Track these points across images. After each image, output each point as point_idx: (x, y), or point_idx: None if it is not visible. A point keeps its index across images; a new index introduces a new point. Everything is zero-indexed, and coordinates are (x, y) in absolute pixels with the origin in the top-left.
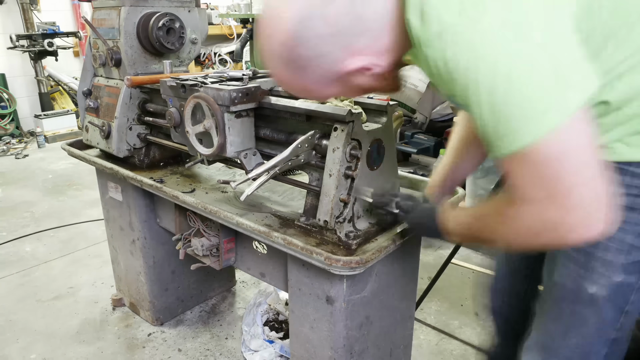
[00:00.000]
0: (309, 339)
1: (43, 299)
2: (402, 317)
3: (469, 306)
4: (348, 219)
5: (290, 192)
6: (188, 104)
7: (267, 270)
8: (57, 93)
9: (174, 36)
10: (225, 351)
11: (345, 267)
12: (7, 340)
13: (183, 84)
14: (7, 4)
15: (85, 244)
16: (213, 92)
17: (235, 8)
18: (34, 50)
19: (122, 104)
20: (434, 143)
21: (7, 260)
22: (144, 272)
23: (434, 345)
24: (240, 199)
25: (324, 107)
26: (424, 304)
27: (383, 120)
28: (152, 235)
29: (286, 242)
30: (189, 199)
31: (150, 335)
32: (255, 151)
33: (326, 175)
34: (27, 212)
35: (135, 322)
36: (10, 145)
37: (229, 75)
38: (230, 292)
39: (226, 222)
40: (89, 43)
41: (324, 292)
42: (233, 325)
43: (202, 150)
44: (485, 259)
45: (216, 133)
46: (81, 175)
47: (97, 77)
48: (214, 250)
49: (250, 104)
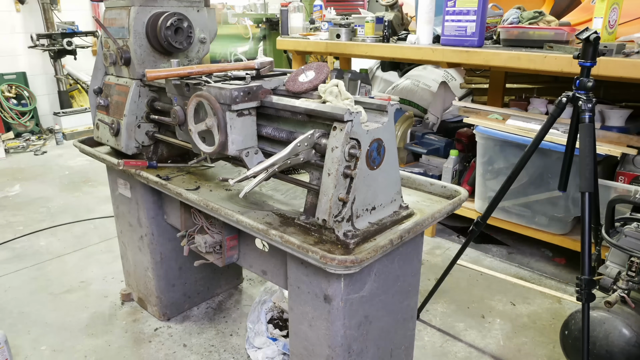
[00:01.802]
0: (307, 337)
1: (55, 292)
2: (403, 317)
3: (476, 308)
4: (347, 218)
5: (294, 191)
6: (191, 103)
7: (268, 268)
8: (76, 91)
9: (182, 35)
10: (230, 347)
11: (341, 266)
12: (19, 332)
13: (187, 83)
14: (29, 3)
15: (98, 239)
16: (215, 90)
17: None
18: (53, 49)
19: (131, 102)
20: (444, 144)
21: (22, 254)
22: (152, 267)
23: (438, 347)
24: (239, 196)
25: (323, 107)
26: (430, 306)
27: (384, 119)
28: (159, 232)
29: (283, 240)
30: (192, 196)
31: (156, 330)
32: (257, 150)
33: (325, 174)
34: (43, 207)
35: (142, 316)
36: (30, 141)
37: (232, 74)
38: (236, 290)
39: (227, 219)
40: (100, 42)
41: (322, 291)
42: (238, 322)
43: (204, 148)
44: (495, 261)
45: (218, 131)
46: (97, 172)
47: (107, 76)
48: (217, 247)
49: (252, 103)
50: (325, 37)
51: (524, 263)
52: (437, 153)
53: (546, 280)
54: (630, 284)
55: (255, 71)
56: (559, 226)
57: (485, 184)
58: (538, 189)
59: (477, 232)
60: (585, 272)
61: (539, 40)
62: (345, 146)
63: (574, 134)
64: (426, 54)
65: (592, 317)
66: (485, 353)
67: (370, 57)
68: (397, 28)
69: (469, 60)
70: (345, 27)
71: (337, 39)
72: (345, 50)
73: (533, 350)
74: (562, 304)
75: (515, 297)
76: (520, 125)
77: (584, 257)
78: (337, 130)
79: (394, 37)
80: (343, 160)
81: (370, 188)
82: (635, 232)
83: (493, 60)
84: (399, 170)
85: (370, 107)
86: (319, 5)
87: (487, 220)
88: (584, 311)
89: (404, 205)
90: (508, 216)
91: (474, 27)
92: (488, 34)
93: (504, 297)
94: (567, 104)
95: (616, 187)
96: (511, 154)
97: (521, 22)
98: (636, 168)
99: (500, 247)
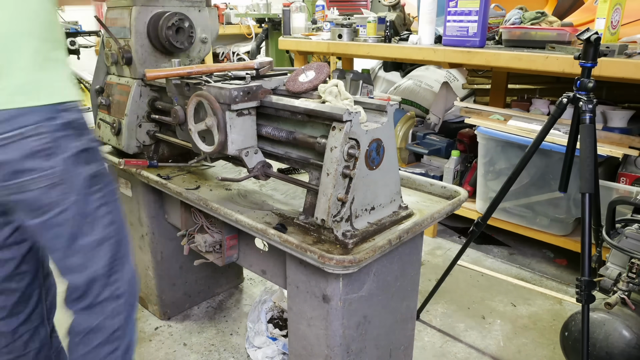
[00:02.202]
0: (306, 337)
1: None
2: (402, 317)
3: (476, 309)
4: (346, 218)
5: (294, 191)
6: (190, 102)
7: (268, 268)
8: None
9: (183, 35)
10: (230, 347)
11: (338, 266)
12: None
13: (187, 83)
14: None
15: None
16: (215, 90)
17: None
18: None
19: (132, 101)
20: (446, 144)
21: None
22: (152, 267)
23: (438, 348)
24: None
25: (322, 107)
26: (430, 306)
27: (383, 119)
28: (160, 231)
29: (282, 240)
30: (192, 196)
31: (157, 329)
32: (257, 149)
33: (324, 174)
34: None
35: (143, 315)
36: None
37: (232, 74)
38: (237, 289)
39: (226, 218)
40: (102, 42)
41: (320, 291)
42: (238, 321)
43: (204, 148)
44: (496, 261)
45: (217, 131)
46: None
47: (109, 75)
48: (217, 247)
49: (252, 103)
50: (327, 37)
51: (525, 264)
52: (438, 153)
53: (547, 281)
54: (631, 285)
55: (255, 71)
56: (560, 227)
57: (486, 185)
58: (540, 190)
59: (477, 233)
60: (585, 274)
61: (541, 41)
62: (344, 146)
63: (574, 135)
64: (428, 54)
65: (593, 319)
66: (485, 354)
67: (372, 57)
68: (400, 28)
69: (470, 61)
70: (347, 27)
71: (338, 39)
72: (347, 51)
73: (533, 352)
74: (563, 305)
75: (516, 298)
76: (522, 126)
77: (583, 259)
78: (336, 130)
79: (395, 38)
80: (342, 160)
81: (369, 188)
82: (636, 233)
83: (494, 60)
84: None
85: (369, 108)
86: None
87: (487, 221)
88: (583, 312)
89: (403, 205)
90: (509, 217)
91: (475, 28)
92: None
93: (504, 298)
94: (568, 104)
95: (617, 188)
96: (512, 154)
97: (523, 23)
98: (638, 169)
99: (501, 248)
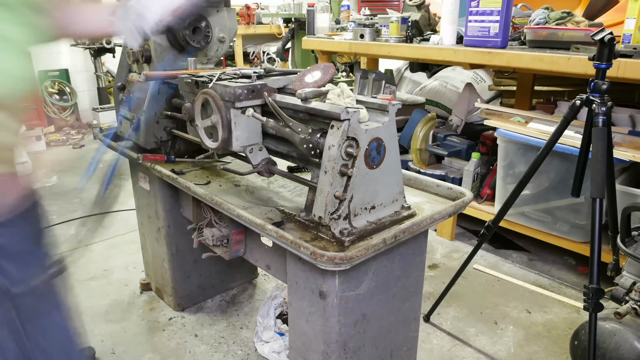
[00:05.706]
0: (304, 332)
1: (80, 279)
2: (404, 318)
3: (489, 314)
4: (344, 216)
5: (301, 189)
6: (197, 99)
7: (272, 263)
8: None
9: (199, 35)
10: (239, 340)
11: (330, 263)
12: None
13: (197, 81)
14: None
15: (125, 230)
16: (220, 88)
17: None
18: (93, 47)
19: (150, 98)
20: (466, 146)
21: (52, 242)
22: (168, 259)
23: (446, 351)
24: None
25: (321, 105)
26: (442, 309)
27: (384, 119)
28: (175, 224)
29: (278, 235)
30: (199, 190)
31: (171, 319)
32: (262, 147)
33: (322, 172)
34: (76, 198)
35: (159, 306)
36: (70, 135)
37: (241, 73)
38: (251, 284)
39: (228, 213)
40: None
41: (317, 287)
42: (250, 316)
43: (209, 144)
44: (514, 267)
45: (221, 128)
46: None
47: (131, 73)
48: (225, 241)
49: (256, 101)
50: (349, 37)
51: (545, 270)
52: (459, 155)
53: (566, 289)
54: None
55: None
56: (581, 234)
57: (505, 188)
58: (559, 194)
59: (488, 236)
60: (594, 281)
61: (567, 42)
62: (342, 144)
63: (587, 138)
64: (448, 54)
65: (603, 328)
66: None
67: (393, 57)
68: (424, 28)
69: (491, 62)
70: (369, 27)
71: (360, 39)
72: (368, 51)
73: None
74: (580, 314)
75: (532, 304)
76: (542, 129)
77: (592, 266)
78: (334, 129)
79: (417, 38)
80: (340, 159)
81: (369, 187)
82: None
83: (515, 61)
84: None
85: (371, 107)
86: (346, 5)
87: (498, 224)
88: (590, 321)
89: (406, 205)
90: (529, 222)
91: (497, 28)
92: (516, 35)
93: (519, 304)
94: (582, 107)
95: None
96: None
97: (548, 23)
98: None
99: (521, 253)
